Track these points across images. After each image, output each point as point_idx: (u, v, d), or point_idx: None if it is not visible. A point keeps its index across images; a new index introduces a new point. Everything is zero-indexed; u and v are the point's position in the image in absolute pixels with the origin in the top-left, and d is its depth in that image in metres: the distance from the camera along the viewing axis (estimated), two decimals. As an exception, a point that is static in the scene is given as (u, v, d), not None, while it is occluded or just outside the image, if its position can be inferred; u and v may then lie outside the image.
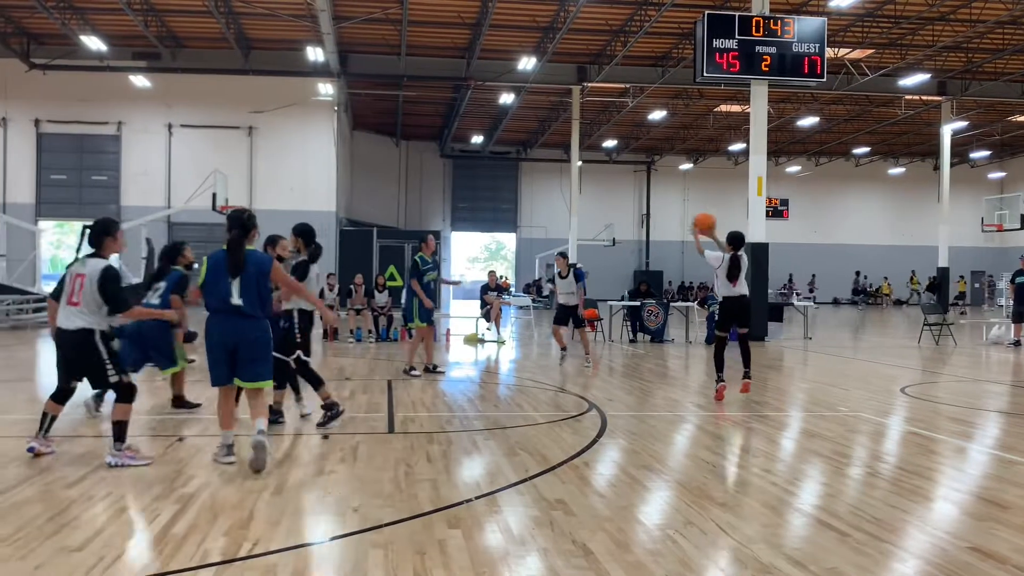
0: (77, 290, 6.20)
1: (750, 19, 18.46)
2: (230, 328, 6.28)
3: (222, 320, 6.31)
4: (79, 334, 6.21)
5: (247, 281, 6.29)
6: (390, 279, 26.47)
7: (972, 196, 44.98)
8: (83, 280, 6.19)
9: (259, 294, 6.35)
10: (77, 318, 6.22)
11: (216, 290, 6.31)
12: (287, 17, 26.79)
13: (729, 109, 37.21)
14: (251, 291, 6.31)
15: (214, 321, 6.34)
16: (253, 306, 6.32)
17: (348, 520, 5.03)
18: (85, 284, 6.19)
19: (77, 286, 6.21)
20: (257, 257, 6.47)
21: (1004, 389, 11.97)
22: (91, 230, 6.46)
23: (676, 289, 47.69)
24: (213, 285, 6.32)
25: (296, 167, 33.14)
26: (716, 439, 7.74)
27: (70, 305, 6.23)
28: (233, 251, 6.35)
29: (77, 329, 6.20)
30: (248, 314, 6.30)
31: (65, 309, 6.27)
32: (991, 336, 19.74)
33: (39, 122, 32.62)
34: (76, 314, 6.22)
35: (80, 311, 6.21)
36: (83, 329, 6.20)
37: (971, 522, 5.18)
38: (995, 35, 27.94)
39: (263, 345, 6.41)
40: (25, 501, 5.31)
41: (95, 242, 6.40)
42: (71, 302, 6.22)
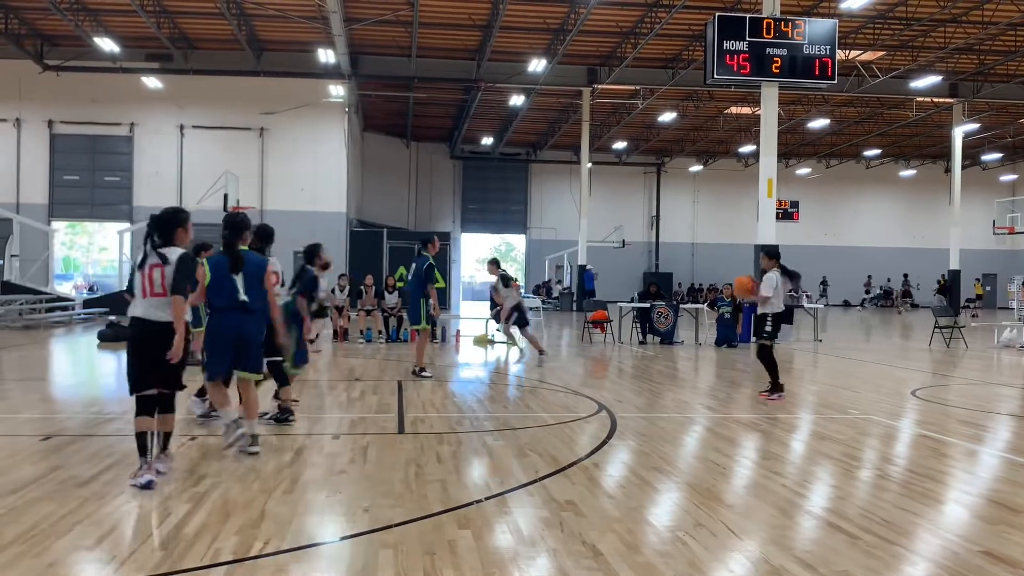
0: (158, 280, 5.79)
1: (761, 21, 18.44)
2: (236, 323, 6.73)
3: (228, 316, 6.73)
4: (167, 327, 5.75)
5: (249, 279, 6.76)
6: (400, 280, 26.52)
7: (983, 198, 44.76)
8: (164, 270, 5.79)
9: (260, 291, 6.83)
10: (161, 310, 5.78)
11: (222, 289, 6.71)
12: (298, 19, 26.88)
13: (739, 111, 37.14)
14: (254, 288, 6.77)
15: (219, 318, 6.78)
16: (256, 302, 6.81)
17: (358, 520, 5.05)
18: (167, 273, 5.79)
19: (157, 276, 5.79)
20: (254, 257, 6.97)
21: (1015, 392, 11.91)
22: (160, 220, 6.07)
23: (686, 291, 47.61)
24: (218, 285, 6.73)
25: (307, 168, 33.23)
26: (726, 441, 7.74)
27: (153, 296, 5.79)
28: (229, 251, 6.80)
29: (166, 322, 5.75)
30: (252, 309, 6.78)
31: (145, 302, 5.81)
32: (1002, 339, 19.65)
33: (52, 123, 32.79)
34: (162, 305, 5.79)
35: (166, 301, 5.79)
36: (170, 322, 5.76)
37: (982, 525, 5.16)
38: (1007, 37, 27.81)
39: (261, 339, 6.98)
40: (39, 499, 5.34)
41: (166, 234, 6.01)
42: (154, 293, 5.79)
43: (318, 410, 9.19)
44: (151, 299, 5.82)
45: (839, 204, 49.24)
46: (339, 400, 9.93)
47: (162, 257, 5.84)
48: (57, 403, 9.90)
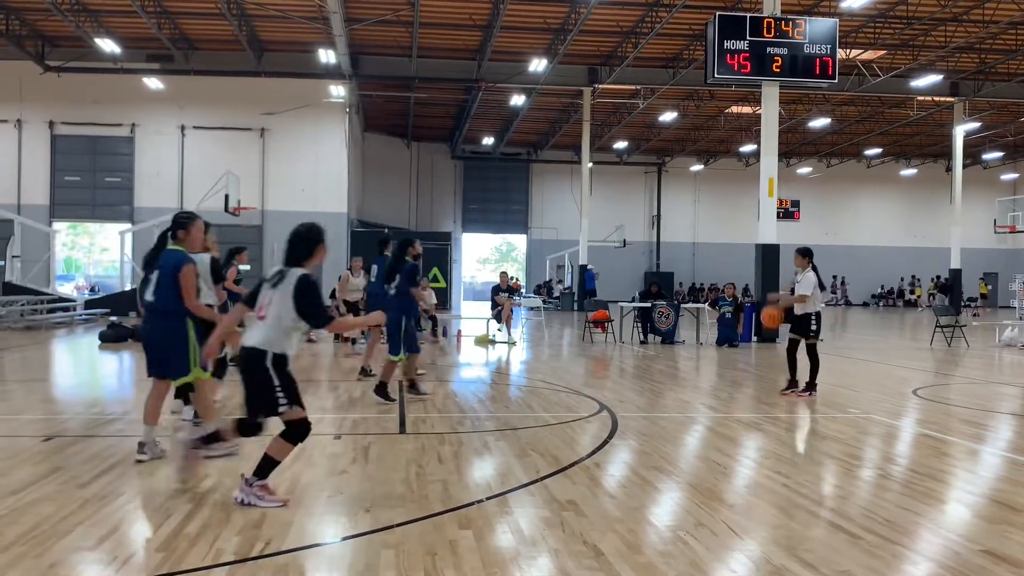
0: (265, 304, 5.31)
1: (761, 20, 18.43)
2: (147, 324, 6.59)
3: (145, 317, 6.62)
4: (253, 352, 5.27)
5: (162, 278, 6.41)
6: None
7: (985, 197, 44.72)
8: (274, 294, 5.30)
9: (171, 292, 6.37)
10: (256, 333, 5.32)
11: (142, 288, 6.62)
12: (299, 19, 26.88)
13: (740, 110, 37.13)
14: (163, 288, 6.40)
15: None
16: (166, 302, 6.40)
17: (360, 520, 5.05)
18: (275, 296, 5.31)
19: (266, 300, 5.32)
20: (172, 256, 6.48)
21: (1017, 391, 11.90)
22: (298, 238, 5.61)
23: (687, 290, 47.61)
24: (142, 283, 6.65)
25: (308, 168, 33.22)
26: (727, 440, 7.73)
27: (257, 318, 5.36)
28: (154, 247, 6.66)
29: (252, 347, 5.27)
30: (157, 310, 6.45)
31: (252, 320, 5.43)
32: (1003, 338, 19.64)
33: (53, 124, 32.80)
34: (256, 328, 5.34)
35: (261, 325, 5.30)
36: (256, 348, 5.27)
37: (984, 525, 5.16)
38: (1008, 36, 27.79)
39: (170, 342, 6.39)
40: (39, 500, 5.35)
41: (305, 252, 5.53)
42: (259, 316, 5.34)
43: (319, 410, 9.20)
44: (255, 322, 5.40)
45: (840, 203, 49.22)
46: (340, 400, 9.93)
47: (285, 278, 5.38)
48: (58, 404, 9.90)
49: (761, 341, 19.40)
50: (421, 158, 46.33)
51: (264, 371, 5.21)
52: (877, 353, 17.41)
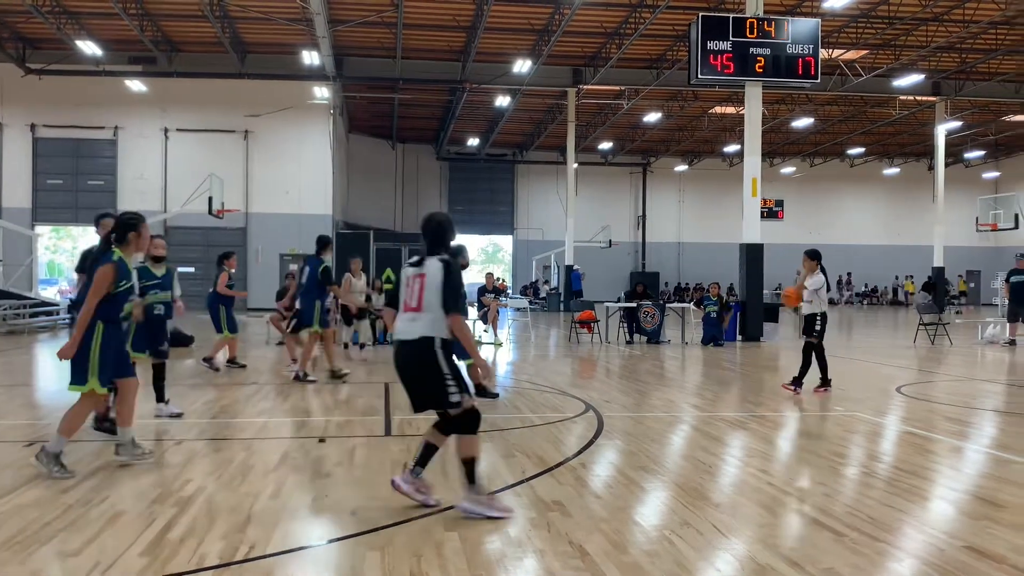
0: (416, 291, 5.24)
1: (744, 21, 18.53)
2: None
3: None
4: (419, 343, 5.18)
5: (89, 280, 6.20)
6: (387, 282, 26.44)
7: (967, 196, 45.07)
8: (423, 279, 5.25)
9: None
10: (416, 324, 5.23)
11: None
12: (282, 21, 26.80)
13: (724, 111, 37.28)
14: (83, 291, 6.29)
15: None
16: (78, 303, 6.31)
17: (345, 523, 5.03)
18: (426, 284, 5.23)
19: (416, 288, 5.25)
20: (102, 258, 6.21)
21: (1000, 388, 12.00)
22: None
23: (672, 290, 47.74)
24: None
25: (292, 170, 33.13)
26: (712, 440, 7.76)
27: (408, 311, 5.26)
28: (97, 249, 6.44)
29: (417, 338, 5.18)
30: (73, 315, 6.35)
31: (402, 318, 5.28)
32: (986, 336, 19.78)
33: (35, 127, 32.59)
34: (416, 319, 5.24)
35: (418, 316, 5.23)
36: (423, 337, 5.18)
37: (967, 521, 5.20)
38: (988, 36, 28.02)
39: (79, 348, 6.06)
40: (23, 506, 5.30)
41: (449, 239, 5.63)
42: (408, 307, 5.26)
43: (304, 413, 9.17)
44: (404, 314, 5.29)
45: (823, 202, 49.48)
46: (326, 403, 9.90)
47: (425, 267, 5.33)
48: (41, 409, 9.82)
49: (746, 340, 19.48)
50: (406, 159, 46.26)
51: (435, 358, 5.12)
52: (861, 351, 17.51)
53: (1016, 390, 11.82)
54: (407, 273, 5.35)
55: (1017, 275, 18.50)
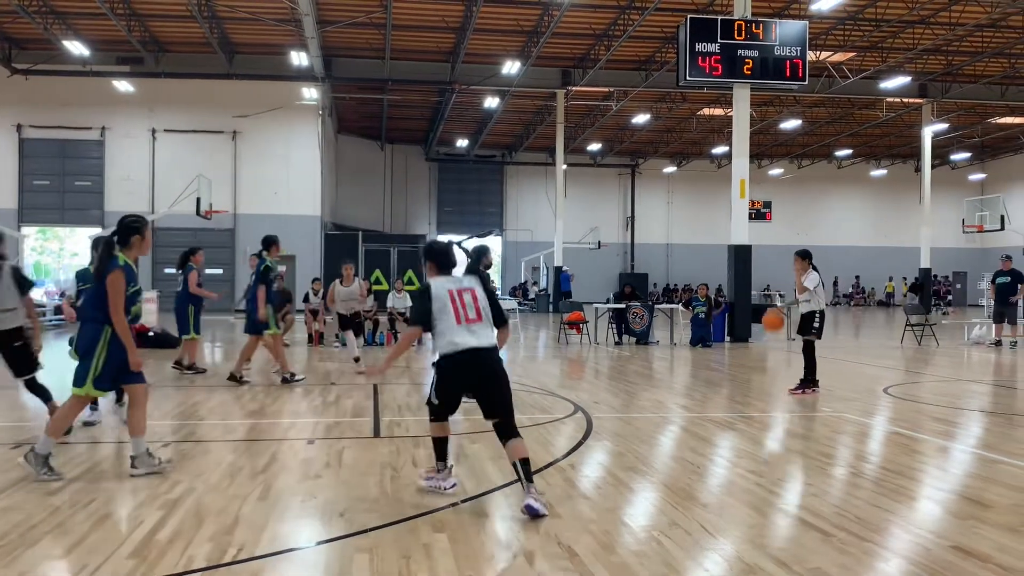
0: (471, 304, 5.48)
1: (732, 23, 18.59)
2: None
3: None
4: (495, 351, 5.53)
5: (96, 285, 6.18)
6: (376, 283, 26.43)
7: (953, 197, 45.34)
8: (474, 293, 5.54)
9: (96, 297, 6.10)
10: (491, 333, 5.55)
11: None
12: (271, 21, 26.73)
13: (712, 112, 37.37)
14: (91, 293, 6.24)
15: None
16: (84, 308, 6.31)
17: (334, 525, 5.02)
18: (479, 296, 5.55)
19: (469, 300, 5.48)
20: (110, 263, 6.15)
21: (986, 389, 12.07)
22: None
23: (661, 291, 47.83)
24: None
25: (280, 171, 33.04)
26: (701, 440, 7.78)
27: (472, 323, 5.43)
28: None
29: (493, 346, 5.52)
30: (83, 318, 6.28)
31: (468, 329, 5.41)
32: (972, 336, 19.90)
33: (21, 127, 32.40)
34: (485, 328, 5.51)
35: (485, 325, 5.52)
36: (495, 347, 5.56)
37: (954, 521, 5.23)
38: (975, 38, 28.18)
39: (83, 349, 6.11)
40: (8, 508, 5.27)
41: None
42: (469, 319, 5.43)
43: (293, 415, 9.15)
44: (472, 326, 5.45)
45: (811, 204, 49.68)
46: (314, 404, 9.88)
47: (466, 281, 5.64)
48: (27, 411, 9.75)
49: (734, 341, 19.54)
50: (395, 160, 46.21)
51: (504, 368, 5.53)
52: (848, 352, 17.58)
53: (1002, 390, 11.90)
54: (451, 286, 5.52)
55: (1003, 276, 18.61)
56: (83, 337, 6.13)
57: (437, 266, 5.67)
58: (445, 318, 5.40)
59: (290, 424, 8.52)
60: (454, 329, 5.38)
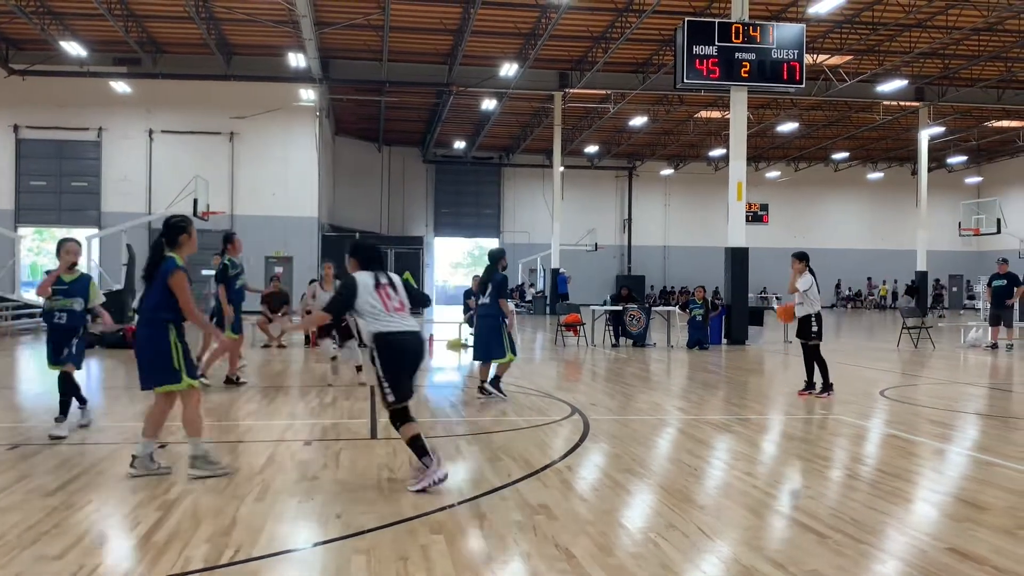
0: (393, 296, 6.08)
1: (729, 26, 18.61)
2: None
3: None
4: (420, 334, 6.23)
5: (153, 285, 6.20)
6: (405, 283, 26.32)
7: (950, 201, 45.42)
8: (394, 285, 6.16)
9: (159, 297, 6.13)
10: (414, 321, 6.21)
11: None
12: (268, 23, 26.72)
13: (709, 115, 37.41)
14: (151, 294, 6.19)
15: None
16: (144, 309, 6.25)
17: (331, 526, 5.02)
18: (399, 289, 6.16)
19: (392, 293, 6.08)
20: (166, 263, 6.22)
21: (982, 391, 12.09)
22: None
23: (658, 294, 47.85)
24: None
25: (278, 172, 33.04)
26: (697, 442, 7.78)
27: (398, 311, 6.01)
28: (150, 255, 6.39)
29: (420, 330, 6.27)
30: (141, 320, 6.32)
31: (398, 315, 6.00)
32: (968, 339, 19.94)
33: (18, 128, 32.37)
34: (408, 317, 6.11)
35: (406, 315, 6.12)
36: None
37: (950, 523, 5.24)
38: (971, 42, 28.24)
39: (144, 351, 6.19)
40: (4, 510, 5.26)
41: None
42: (395, 308, 6.01)
43: (290, 416, 9.15)
44: (398, 314, 6.01)
45: (808, 207, 49.73)
46: (311, 406, 9.87)
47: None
48: (23, 412, 9.76)
49: (731, 343, 19.55)
50: (392, 162, 46.20)
51: None
52: (845, 355, 17.60)
53: (998, 393, 11.92)
54: (373, 280, 6.06)
55: (999, 279, 18.65)
56: (144, 339, 6.15)
57: (359, 262, 6.15)
58: (374, 307, 5.92)
59: (287, 425, 8.52)
60: (385, 316, 5.92)
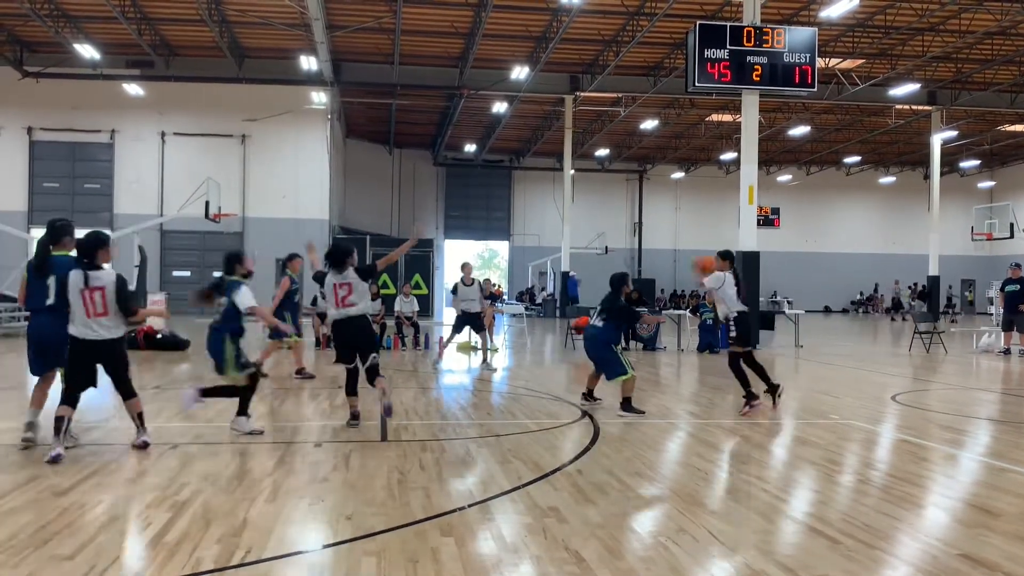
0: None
1: (741, 29, 18.57)
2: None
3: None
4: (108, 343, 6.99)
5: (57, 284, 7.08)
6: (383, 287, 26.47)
7: (962, 205, 45.21)
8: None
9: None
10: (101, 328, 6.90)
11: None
12: (280, 26, 26.83)
13: (721, 118, 37.36)
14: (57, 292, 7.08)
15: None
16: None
17: (341, 528, 5.03)
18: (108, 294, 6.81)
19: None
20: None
21: (994, 397, 12.02)
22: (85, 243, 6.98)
23: (668, 297, 47.75)
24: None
25: (289, 175, 33.13)
26: (708, 446, 7.77)
27: (98, 316, 6.81)
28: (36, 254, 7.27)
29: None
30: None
31: (88, 321, 6.81)
32: (981, 344, 19.83)
33: (32, 130, 32.55)
34: (99, 324, 6.87)
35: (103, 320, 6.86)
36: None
37: (962, 529, 5.21)
38: (984, 46, 28.12)
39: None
40: (16, 509, 5.30)
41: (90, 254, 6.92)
42: (97, 313, 6.78)
43: (300, 418, 9.16)
44: (94, 319, 6.78)
45: (820, 210, 49.57)
46: (322, 408, 9.90)
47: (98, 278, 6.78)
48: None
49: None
50: (403, 165, 46.28)
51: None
52: (856, 359, 17.54)
53: (1011, 399, 11.85)
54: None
55: (1012, 284, 18.53)
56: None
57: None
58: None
59: (297, 427, 8.53)
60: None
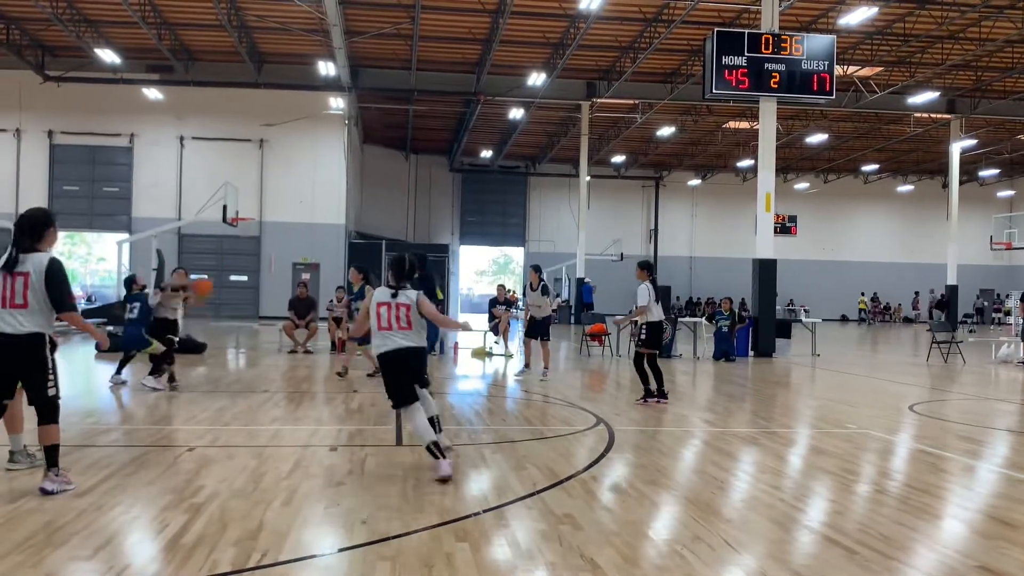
0: (21, 290, 5.64)
1: (759, 36, 18.53)
2: None
3: None
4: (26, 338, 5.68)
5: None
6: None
7: (981, 214, 44.89)
8: (27, 278, 5.66)
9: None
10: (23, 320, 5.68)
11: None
12: (299, 31, 26.98)
13: (738, 125, 37.25)
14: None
15: None
16: None
17: (356, 532, 5.05)
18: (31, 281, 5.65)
19: (20, 285, 5.65)
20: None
21: (1013, 408, 11.92)
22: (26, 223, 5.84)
23: (684, 304, 47.63)
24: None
25: (306, 180, 33.31)
26: (723, 455, 7.74)
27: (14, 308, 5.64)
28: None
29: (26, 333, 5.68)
30: None
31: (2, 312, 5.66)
32: (1000, 354, 19.67)
33: (52, 133, 32.87)
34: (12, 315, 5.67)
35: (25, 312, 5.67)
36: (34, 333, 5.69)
37: (980, 540, 5.17)
38: (1004, 54, 27.95)
39: None
40: (35, 510, 5.34)
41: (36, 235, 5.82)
42: (15, 304, 5.64)
43: (316, 422, 9.20)
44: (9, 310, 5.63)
45: (837, 219, 49.35)
46: (337, 412, 9.93)
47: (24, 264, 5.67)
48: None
49: (758, 356, 19.42)
50: (419, 170, 46.42)
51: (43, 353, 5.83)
52: (873, 369, 17.43)
53: (1030, 410, 11.73)
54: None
55: (1031, 294, 18.40)
56: None
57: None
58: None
59: (313, 431, 8.56)
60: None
